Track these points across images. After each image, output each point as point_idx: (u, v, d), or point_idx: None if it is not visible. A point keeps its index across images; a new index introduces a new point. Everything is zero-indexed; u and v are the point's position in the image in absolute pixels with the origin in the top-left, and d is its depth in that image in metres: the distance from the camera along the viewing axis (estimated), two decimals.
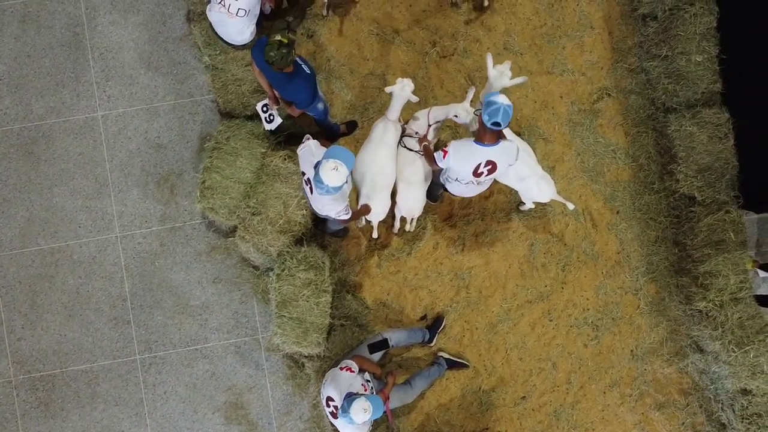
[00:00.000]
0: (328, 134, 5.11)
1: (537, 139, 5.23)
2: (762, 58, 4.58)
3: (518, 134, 5.18)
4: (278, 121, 4.38)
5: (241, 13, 4.51)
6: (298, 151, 4.22)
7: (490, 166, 4.02)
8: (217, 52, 4.80)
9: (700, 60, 4.87)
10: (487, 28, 5.29)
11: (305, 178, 4.12)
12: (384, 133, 4.46)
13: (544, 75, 5.27)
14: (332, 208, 4.02)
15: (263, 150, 4.80)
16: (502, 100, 3.75)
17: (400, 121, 4.59)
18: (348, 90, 5.25)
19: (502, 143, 3.91)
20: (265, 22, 5.09)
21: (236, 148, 4.77)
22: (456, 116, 4.36)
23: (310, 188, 4.02)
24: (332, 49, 5.27)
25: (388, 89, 4.32)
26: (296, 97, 4.01)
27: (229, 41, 4.79)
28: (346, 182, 3.77)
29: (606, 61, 5.29)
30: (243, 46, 4.79)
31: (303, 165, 4.15)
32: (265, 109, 4.38)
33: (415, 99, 4.38)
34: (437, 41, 5.28)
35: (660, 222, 5.21)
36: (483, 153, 3.93)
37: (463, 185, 4.28)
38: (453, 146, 4.01)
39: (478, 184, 4.24)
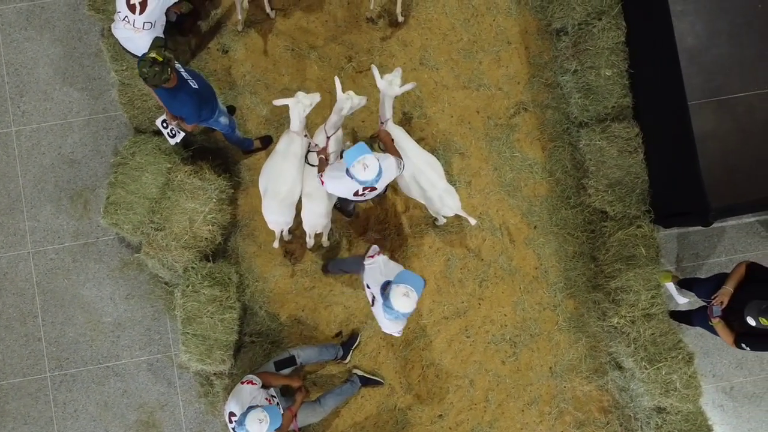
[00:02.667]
0: (241, 149, 5.09)
1: (453, 153, 5.19)
2: (670, 73, 4.54)
3: (434, 149, 5.16)
4: (181, 135, 4.35)
5: (147, 26, 4.46)
6: (365, 264, 4.08)
7: (369, 188, 3.96)
8: (124, 68, 4.78)
9: (609, 74, 4.85)
10: (402, 44, 5.28)
11: (369, 292, 3.99)
12: (288, 145, 4.42)
13: (460, 89, 5.25)
14: (391, 327, 3.88)
15: (169, 165, 4.77)
16: (368, 174, 3.69)
17: (306, 134, 4.55)
18: (263, 105, 5.23)
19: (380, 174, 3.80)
20: (174, 32, 5.11)
21: (142, 164, 4.74)
22: (342, 110, 4.32)
23: (372, 301, 3.92)
24: (248, 65, 5.26)
25: (277, 102, 4.29)
26: (180, 112, 3.98)
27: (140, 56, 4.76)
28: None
29: (523, 76, 5.27)
30: None
31: (368, 279, 3.98)
32: (165, 124, 4.35)
33: (308, 108, 4.33)
34: (353, 56, 5.27)
35: (577, 237, 5.16)
36: (357, 183, 3.85)
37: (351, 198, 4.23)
38: (327, 175, 3.94)
39: (365, 197, 4.18)
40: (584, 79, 4.91)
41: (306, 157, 4.52)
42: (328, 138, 4.43)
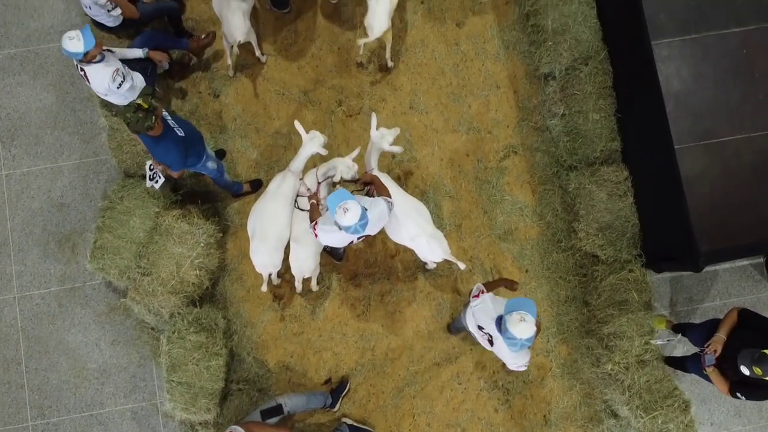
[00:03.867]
0: (230, 192, 5.08)
1: (443, 197, 5.18)
2: (657, 117, 4.56)
3: (423, 193, 5.16)
4: (161, 180, 4.33)
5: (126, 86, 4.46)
6: (472, 306, 3.93)
7: (362, 238, 3.94)
8: (113, 113, 4.80)
9: (597, 118, 4.87)
10: (392, 88, 5.33)
11: (484, 333, 3.87)
12: (280, 184, 4.42)
13: (450, 133, 5.27)
14: (519, 360, 3.76)
15: (157, 209, 4.74)
16: (349, 220, 3.62)
17: (301, 177, 4.55)
18: (254, 149, 5.24)
19: (368, 221, 3.74)
20: (170, 80, 5.17)
21: (130, 208, 4.72)
22: (335, 172, 4.35)
23: (490, 341, 3.84)
24: (238, 109, 5.29)
25: (298, 126, 4.29)
26: (165, 159, 3.97)
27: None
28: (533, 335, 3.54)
29: (512, 120, 5.30)
30: None
31: (480, 320, 3.87)
32: (151, 167, 4.35)
33: (324, 152, 4.36)
34: (343, 100, 5.31)
35: (569, 281, 5.11)
36: (350, 234, 3.83)
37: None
38: (320, 228, 3.90)
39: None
40: (572, 123, 4.93)
41: (296, 201, 4.51)
42: (319, 183, 4.43)
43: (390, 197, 4.01)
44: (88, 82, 4.33)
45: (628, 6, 4.64)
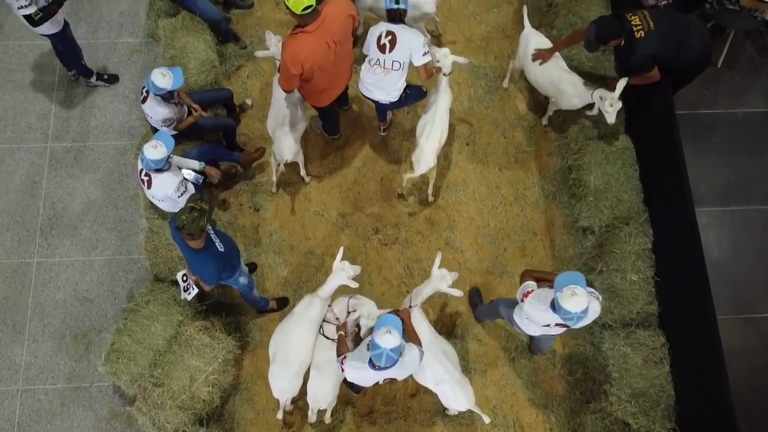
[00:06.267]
0: (255, 308, 5.01)
1: (471, 339, 5.04)
2: (698, 285, 4.47)
3: (451, 332, 5.03)
4: (194, 291, 4.30)
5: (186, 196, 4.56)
6: (527, 301, 3.83)
7: (389, 379, 3.78)
8: (156, 216, 4.86)
9: (635, 279, 4.80)
10: (430, 222, 5.37)
11: (554, 324, 3.80)
12: (307, 308, 4.32)
13: (483, 274, 5.22)
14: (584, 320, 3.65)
15: (180, 318, 4.66)
16: (386, 343, 3.44)
17: (329, 303, 4.48)
18: (285, 266, 5.22)
19: (400, 361, 3.58)
20: (214, 189, 5.28)
21: (154, 313, 4.64)
22: (360, 310, 4.29)
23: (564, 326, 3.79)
24: (276, 224, 5.34)
25: (339, 258, 4.27)
26: (201, 272, 3.95)
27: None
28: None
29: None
30: None
31: (534, 314, 3.77)
32: (184, 278, 4.33)
33: (354, 284, 4.29)
34: (380, 228, 5.34)
35: None
36: (378, 373, 3.69)
37: None
38: (348, 364, 3.73)
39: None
40: (609, 281, 4.85)
41: (321, 327, 4.40)
42: (349, 313, 4.34)
43: (420, 345, 3.88)
44: (148, 188, 4.43)
45: (672, 173, 4.71)
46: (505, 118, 5.69)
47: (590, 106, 5.10)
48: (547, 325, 3.85)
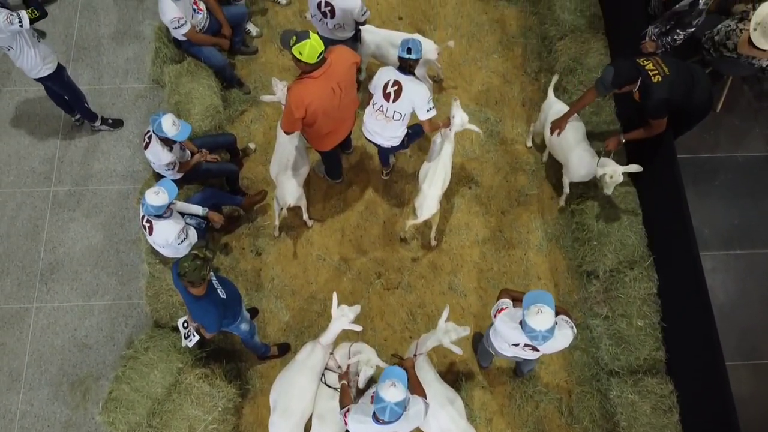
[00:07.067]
0: (256, 354, 4.93)
1: (475, 386, 4.95)
2: (705, 331, 4.41)
3: (456, 379, 4.94)
4: (195, 338, 4.24)
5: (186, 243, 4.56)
6: (496, 321, 3.83)
7: None
8: (157, 261, 4.83)
9: (641, 325, 4.74)
10: (433, 267, 5.34)
11: (522, 345, 3.80)
12: (309, 356, 4.24)
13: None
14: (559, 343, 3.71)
15: (180, 365, 4.58)
16: (391, 396, 3.33)
17: (331, 351, 4.41)
18: (287, 311, 5.17)
19: (405, 414, 3.48)
20: (216, 233, 5.26)
21: (153, 360, 4.56)
22: (360, 362, 4.21)
23: (532, 348, 3.78)
24: (278, 269, 5.31)
25: (335, 299, 4.19)
26: (202, 320, 3.90)
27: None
28: None
29: None
30: None
31: (508, 335, 3.78)
32: (185, 325, 4.27)
33: (357, 328, 4.22)
34: (383, 273, 5.30)
35: None
36: (382, 428, 3.56)
37: None
38: (352, 418, 3.62)
39: None
40: (615, 326, 4.80)
41: (323, 375, 4.32)
42: (350, 360, 4.27)
43: (425, 396, 3.79)
44: (149, 234, 4.41)
45: (675, 217, 4.69)
46: (507, 162, 5.72)
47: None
48: (517, 345, 3.84)
